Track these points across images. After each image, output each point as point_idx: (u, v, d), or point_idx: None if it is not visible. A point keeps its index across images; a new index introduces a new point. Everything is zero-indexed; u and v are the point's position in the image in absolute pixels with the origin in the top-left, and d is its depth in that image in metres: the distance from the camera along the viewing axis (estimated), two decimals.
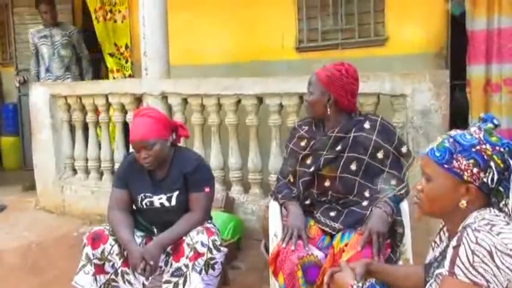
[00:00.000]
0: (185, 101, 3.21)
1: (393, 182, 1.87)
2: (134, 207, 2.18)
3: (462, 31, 3.55)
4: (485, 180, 1.17)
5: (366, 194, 1.87)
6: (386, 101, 2.71)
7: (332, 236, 1.86)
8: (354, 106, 1.97)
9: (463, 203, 1.19)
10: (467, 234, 1.10)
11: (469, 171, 1.17)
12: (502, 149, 1.17)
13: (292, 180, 2.03)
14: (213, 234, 2.01)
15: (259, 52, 4.35)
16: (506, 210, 1.16)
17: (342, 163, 1.88)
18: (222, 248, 2.00)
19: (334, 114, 1.92)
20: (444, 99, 2.56)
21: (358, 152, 1.88)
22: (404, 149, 1.94)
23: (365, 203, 1.85)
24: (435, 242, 1.38)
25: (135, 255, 1.94)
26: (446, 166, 1.19)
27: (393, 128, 2.01)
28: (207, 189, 2.10)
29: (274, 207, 2.02)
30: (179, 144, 2.28)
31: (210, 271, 1.94)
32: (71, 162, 3.76)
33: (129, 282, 2.05)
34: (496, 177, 1.17)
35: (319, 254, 1.77)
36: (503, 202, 1.17)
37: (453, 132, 1.24)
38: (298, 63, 4.22)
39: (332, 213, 1.90)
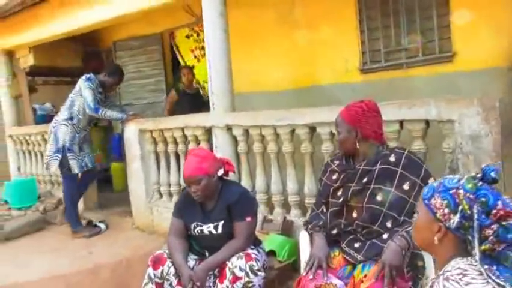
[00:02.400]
0: (247, 131, 3.52)
1: (416, 215, 1.91)
2: (189, 233, 2.52)
3: None
4: (451, 222, 1.24)
5: (389, 224, 1.95)
6: (436, 126, 2.69)
7: (354, 266, 1.97)
8: (381, 137, 2.09)
9: (435, 239, 1.28)
10: (438, 282, 1.19)
11: (441, 210, 1.26)
12: (471, 196, 1.23)
13: (325, 210, 2.19)
14: (251, 259, 2.24)
15: (324, 76, 4.50)
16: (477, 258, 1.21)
17: (368, 194, 2.00)
18: (259, 273, 2.23)
19: (363, 148, 2.06)
20: (495, 123, 2.46)
21: (383, 184, 1.98)
22: (430, 181, 1.98)
23: (385, 236, 1.93)
24: (433, 280, 1.45)
25: (185, 277, 2.27)
26: (426, 202, 1.30)
27: (420, 160, 2.05)
28: (249, 219, 2.35)
29: (305, 236, 2.19)
30: (228, 178, 2.57)
31: None
32: (158, 187, 4.30)
33: None
34: (457, 220, 1.23)
35: (338, 283, 1.90)
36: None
37: (449, 176, 1.33)
38: (362, 85, 4.28)
39: (356, 245, 2.01)
